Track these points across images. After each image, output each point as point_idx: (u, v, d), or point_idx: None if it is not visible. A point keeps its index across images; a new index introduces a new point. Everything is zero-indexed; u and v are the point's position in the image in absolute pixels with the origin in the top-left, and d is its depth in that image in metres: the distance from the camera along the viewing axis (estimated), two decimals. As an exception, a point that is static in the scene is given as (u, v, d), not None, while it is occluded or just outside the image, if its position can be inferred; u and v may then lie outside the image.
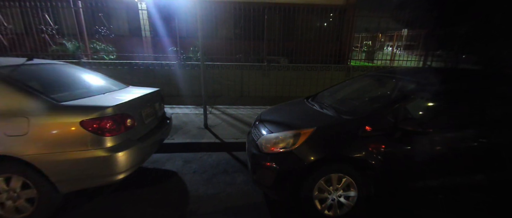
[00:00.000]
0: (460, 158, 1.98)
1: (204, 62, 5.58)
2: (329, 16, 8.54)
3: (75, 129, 1.69)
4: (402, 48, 11.48)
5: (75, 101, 1.85)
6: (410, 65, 7.49)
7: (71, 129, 1.69)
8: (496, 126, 2.01)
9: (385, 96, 2.17)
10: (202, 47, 3.74)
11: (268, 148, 2.02)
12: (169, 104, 5.24)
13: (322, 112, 2.27)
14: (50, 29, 5.76)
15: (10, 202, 1.76)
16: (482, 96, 2.08)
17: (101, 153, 1.76)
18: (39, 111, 1.68)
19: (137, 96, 2.22)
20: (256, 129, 2.42)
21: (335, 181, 1.89)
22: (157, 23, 7.85)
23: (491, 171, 2.06)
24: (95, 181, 1.84)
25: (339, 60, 6.92)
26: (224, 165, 2.92)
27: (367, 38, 15.38)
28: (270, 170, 1.94)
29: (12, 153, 1.65)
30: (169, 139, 3.38)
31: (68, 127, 1.69)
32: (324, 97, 2.78)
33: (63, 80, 2.20)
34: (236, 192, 2.38)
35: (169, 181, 2.55)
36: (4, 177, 1.73)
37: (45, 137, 1.68)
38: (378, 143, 1.86)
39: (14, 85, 1.72)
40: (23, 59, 2.17)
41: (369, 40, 15.41)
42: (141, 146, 2.07)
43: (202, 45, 3.73)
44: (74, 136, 1.71)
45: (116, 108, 1.87)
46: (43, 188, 1.75)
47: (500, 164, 2.03)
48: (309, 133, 1.89)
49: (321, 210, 1.92)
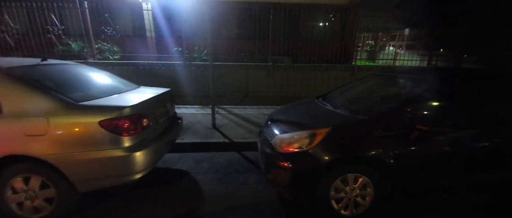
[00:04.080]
0: (475, 157, 1.98)
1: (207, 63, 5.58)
2: (332, 16, 8.54)
3: (94, 129, 1.70)
4: (404, 48, 11.47)
5: (92, 102, 1.86)
6: (412, 65, 7.46)
7: (90, 129, 1.70)
8: (509, 126, 2.01)
9: (400, 96, 2.17)
10: (211, 47, 3.75)
11: (283, 148, 2.02)
12: (176, 104, 5.24)
13: (336, 112, 2.27)
14: (56, 30, 5.78)
15: (28, 202, 1.77)
16: (497, 96, 2.08)
17: (120, 153, 1.77)
18: (58, 111, 1.68)
19: (151, 96, 2.23)
20: (268, 129, 2.43)
21: (352, 181, 1.89)
22: (162, 23, 7.86)
23: (504, 171, 2.06)
24: (113, 181, 1.85)
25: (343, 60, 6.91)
26: (235, 165, 2.92)
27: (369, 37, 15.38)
28: (285, 170, 1.94)
29: (32, 153, 1.65)
30: (179, 138, 3.39)
31: (87, 126, 1.70)
32: (335, 97, 2.78)
33: (77, 80, 2.21)
34: (249, 191, 2.38)
35: (182, 180, 2.56)
36: (23, 177, 1.74)
37: (64, 136, 1.68)
38: (394, 143, 1.86)
39: (33, 86, 1.73)
40: (37, 60, 2.18)
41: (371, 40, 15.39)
42: (157, 146, 2.08)
43: (211, 45, 3.74)
44: (93, 136, 1.71)
45: (134, 108, 1.88)
46: (61, 187, 1.76)
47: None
48: (325, 132, 1.89)
49: (338, 209, 1.92)
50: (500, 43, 8.44)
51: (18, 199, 1.77)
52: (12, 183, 1.73)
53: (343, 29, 8.87)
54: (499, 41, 8.43)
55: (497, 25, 8.33)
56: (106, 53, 6.43)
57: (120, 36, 7.10)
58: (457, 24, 9.39)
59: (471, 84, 2.13)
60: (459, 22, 9.30)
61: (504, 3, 8.15)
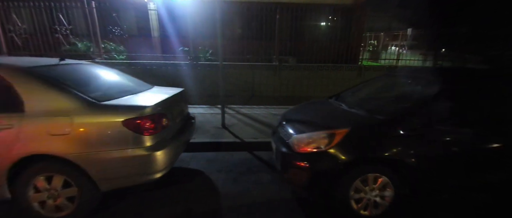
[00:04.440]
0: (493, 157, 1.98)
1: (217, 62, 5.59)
2: (338, 16, 8.54)
3: (117, 128, 1.71)
4: (406, 48, 11.47)
5: (113, 101, 1.87)
6: (415, 64, 7.45)
7: (114, 128, 1.71)
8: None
9: (417, 96, 2.17)
10: (221, 47, 3.75)
11: (301, 148, 2.03)
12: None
13: (352, 112, 2.28)
14: (64, 29, 5.79)
15: (51, 201, 1.78)
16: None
17: (142, 152, 1.78)
18: (81, 110, 1.69)
19: (169, 96, 2.24)
20: (283, 129, 2.43)
21: (372, 181, 1.89)
22: (167, 23, 7.88)
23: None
24: (134, 179, 1.86)
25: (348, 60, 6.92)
26: (248, 164, 2.93)
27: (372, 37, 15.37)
28: (304, 170, 1.95)
29: (55, 152, 1.66)
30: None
31: (111, 126, 1.71)
32: (349, 97, 2.78)
33: (95, 80, 2.22)
34: (264, 190, 2.39)
35: (198, 179, 2.57)
36: (45, 176, 1.75)
37: (88, 136, 1.69)
38: (414, 143, 1.86)
39: (56, 85, 1.74)
40: (54, 59, 2.19)
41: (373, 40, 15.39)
42: (175, 145, 2.09)
43: (221, 46, 3.74)
44: (116, 135, 1.72)
45: (154, 108, 1.89)
46: (84, 186, 1.77)
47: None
48: (344, 133, 1.89)
49: (357, 209, 1.93)
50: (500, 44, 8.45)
51: (40, 198, 1.78)
52: (35, 182, 1.74)
53: (348, 29, 8.87)
54: (499, 41, 8.44)
55: (497, 25, 8.34)
56: (112, 52, 6.44)
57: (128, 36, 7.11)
58: (458, 24, 9.40)
59: (487, 83, 2.13)
60: (459, 22, 9.31)
61: (504, 3, 8.16)
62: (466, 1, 9.80)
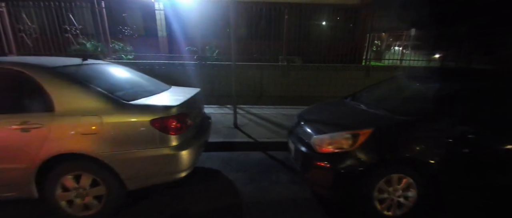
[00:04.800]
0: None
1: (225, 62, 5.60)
2: (343, 16, 8.54)
3: (146, 128, 1.73)
4: (409, 48, 11.47)
5: (139, 101, 1.88)
6: (416, 65, 7.39)
7: (142, 128, 1.73)
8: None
9: (440, 96, 2.17)
10: (235, 47, 3.76)
11: (323, 148, 2.03)
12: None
13: (372, 112, 2.28)
14: (74, 29, 5.82)
15: (78, 200, 1.80)
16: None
17: (168, 151, 1.79)
18: (110, 110, 1.71)
19: (191, 96, 2.25)
20: (301, 129, 2.44)
21: (395, 182, 1.90)
22: (173, 23, 7.90)
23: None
24: (161, 178, 1.88)
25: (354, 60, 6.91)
26: (264, 164, 2.94)
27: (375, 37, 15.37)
28: (326, 170, 1.95)
29: (85, 151, 1.68)
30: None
31: (139, 125, 1.73)
32: (365, 97, 2.79)
33: (118, 80, 2.24)
34: (284, 190, 2.40)
35: (216, 179, 2.58)
36: (73, 175, 1.76)
37: (117, 135, 1.71)
38: (438, 144, 1.87)
39: (85, 85, 1.75)
40: (78, 59, 2.21)
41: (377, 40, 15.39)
42: (197, 145, 2.10)
43: (235, 46, 3.75)
44: (145, 134, 1.74)
45: (180, 107, 1.90)
46: (111, 185, 1.78)
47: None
48: (368, 133, 1.90)
49: (381, 210, 1.94)
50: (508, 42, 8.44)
51: (68, 197, 1.79)
52: (63, 181, 1.76)
53: (354, 29, 8.87)
54: (506, 40, 8.44)
55: (502, 23, 8.33)
56: (120, 52, 6.46)
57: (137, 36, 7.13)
58: (461, 23, 9.41)
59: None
60: (463, 21, 9.31)
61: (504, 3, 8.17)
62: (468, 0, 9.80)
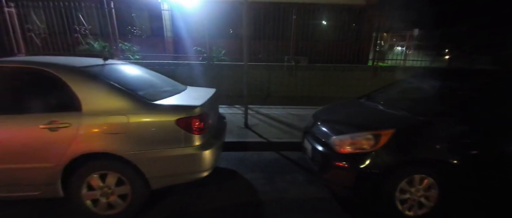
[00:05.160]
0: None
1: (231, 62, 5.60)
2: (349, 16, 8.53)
3: (171, 127, 1.74)
4: (412, 48, 11.44)
5: (163, 101, 1.90)
6: (419, 65, 7.39)
7: (168, 127, 1.74)
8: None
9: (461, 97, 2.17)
10: (247, 47, 3.78)
11: (344, 149, 2.04)
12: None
13: (391, 112, 2.29)
14: (83, 29, 5.85)
15: (103, 199, 1.82)
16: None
17: (193, 151, 1.81)
18: (137, 110, 1.73)
19: (210, 96, 2.26)
20: (318, 129, 2.45)
21: (417, 182, 1.91)
22: (180, 23, 7.92)
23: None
24: (184, 178, 1.89)
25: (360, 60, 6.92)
26: (279, 165, 2.95)
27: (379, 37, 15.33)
28: (348, 171, 1.96)
29: (112, 150, 1.70)
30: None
31: (164, 125, 1.74)
32: (381, 97, 2.79)
33: (139, 80, 2.26)
34: (301, 190, 2.41)
35: (233, 179, 2.59)
36: (99, 174, 1.78)
37: (143, 134, 1.73)
38: (459, 144, 1.87)
39: (111, 85, 1.77)
40: (99, 59, 2.23)
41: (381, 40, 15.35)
42: (218, 145, 2.11)
43: (247, 46, 3.77)
44: (170, 134, 1.76)
45: (202, 107, 1.91)
46: (136, 184, 1.80)
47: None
48: (390, 134, 1.90)
49: (402, 210, 1.94)
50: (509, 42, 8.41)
51: (93, 196, 1.81)
52: (89, 180, 1.77)
53: (359, 29, 8.86)
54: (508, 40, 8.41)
55: (505, 23, 8.30)
56: (126, 53, 6.49)
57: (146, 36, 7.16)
58: (464, 23, 9.38)
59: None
60: (466, 21, 9.29)
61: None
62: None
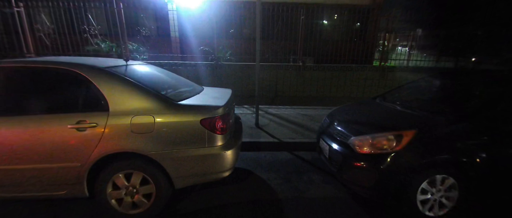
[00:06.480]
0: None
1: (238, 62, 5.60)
2: (355, 16, 8.52)
3: (196, 127, 1.76)
4: (416, 48, 11.40)
5: (186, 101, 1.92)
6: (422, 65, 7.34)
7: (192, 127, 1.76)
8: None
9: (478, 97, 2.18)
10: (259, 48, 3.79)
11: (364, 149, 2.05)
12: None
13: (410, 113, 2.29)
14: (93, 29, 5.89)
15: (128, 198, 1.84)
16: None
17: (216, 151, 1.83)
18: (163, 110, 1.74)
19: (229, 97, 2.28)
20: (335, 129, 2.46)
21: (439, 182, 1.91)
22: (186, 23, 7.95)
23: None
24: (206, 177, 1.91)
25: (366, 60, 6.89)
26: (294, 165, 2.96)
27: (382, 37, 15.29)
28: (369, 171, 1.97)
29: (138, 149, 1.72)
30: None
31: (189, 125, 1.76)
32: (397, 97, 2.80)
33: (161, 80, 2.27)
34: (320, 190, 2.42)
35: (250, 179, 2.61)
36: (124, 173, 1.80)
37: (168, 134, 1.74)
38: (481, 144, 1.88)
39: (137, 85, 1.79)
40: (121, 60, 2.25)
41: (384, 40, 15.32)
42: (238, 145, 2.13)
43: (259, 46, 3.78)
44: (194, 134, 1.77)
45: (225, 108, 1.93)
46: (161, 183, 1.82)
47: None
48: (412, 134, 1.91)
49: (423, 210, 1.95)
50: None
51: (118, 195, 1.83)
52: (115, 179, 1.79)
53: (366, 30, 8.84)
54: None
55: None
56: (134, 53, 6.52)
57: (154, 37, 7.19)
58: (470, 24, 9.34)
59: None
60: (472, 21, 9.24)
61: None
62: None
